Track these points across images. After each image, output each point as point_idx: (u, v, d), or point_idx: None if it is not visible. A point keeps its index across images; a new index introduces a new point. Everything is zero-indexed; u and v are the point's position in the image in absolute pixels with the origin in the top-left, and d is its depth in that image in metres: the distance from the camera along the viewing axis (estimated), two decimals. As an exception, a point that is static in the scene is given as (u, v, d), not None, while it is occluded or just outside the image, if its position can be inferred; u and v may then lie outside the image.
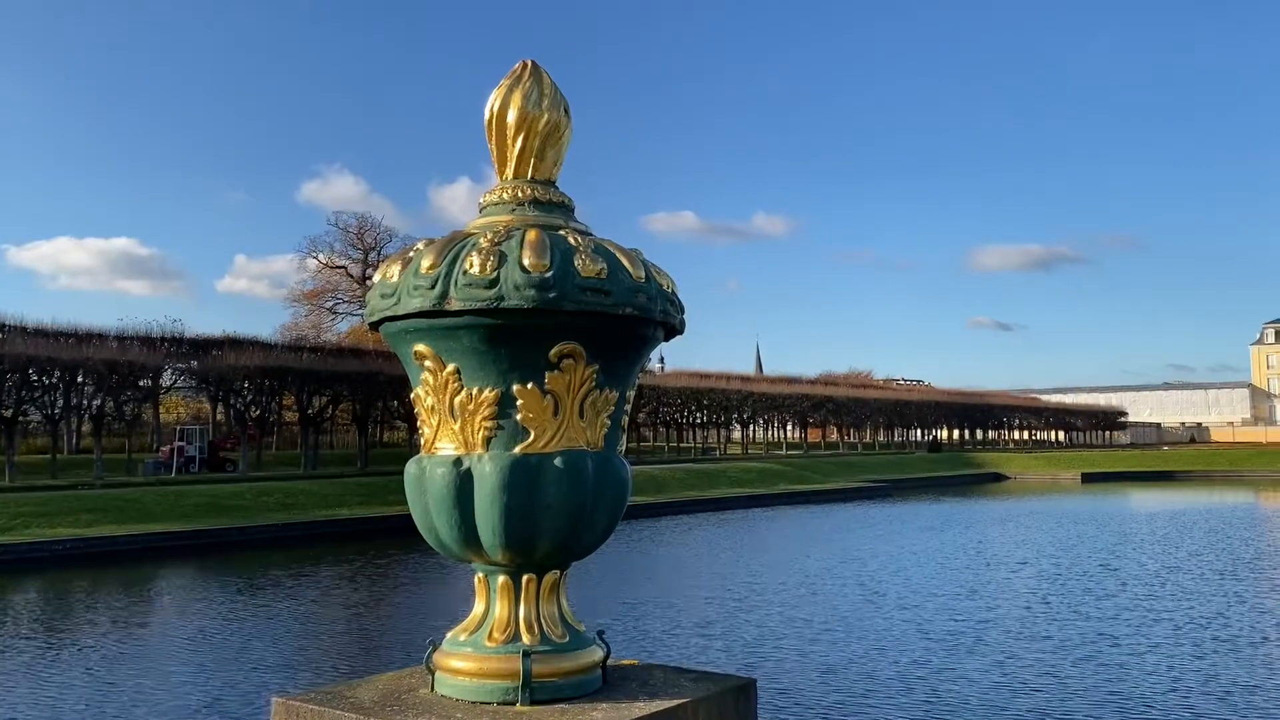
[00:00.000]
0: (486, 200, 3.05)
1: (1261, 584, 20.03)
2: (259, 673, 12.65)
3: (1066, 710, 10.52)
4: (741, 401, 70.44)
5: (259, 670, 12.83)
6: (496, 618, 2.88)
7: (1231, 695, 11.38)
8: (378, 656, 13.70)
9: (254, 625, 16.14)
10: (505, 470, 2.72)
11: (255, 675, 12.49)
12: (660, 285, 2.86)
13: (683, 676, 3.06)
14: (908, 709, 10.58)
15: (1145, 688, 11.56)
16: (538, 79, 3.04)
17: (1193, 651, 13.63)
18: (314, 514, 31.02)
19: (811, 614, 16.30)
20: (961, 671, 12.19)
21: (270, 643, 14.75)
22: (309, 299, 73.60)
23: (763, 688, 11.42)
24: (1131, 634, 14.76)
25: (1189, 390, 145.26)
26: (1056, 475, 69.47)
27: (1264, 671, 12.56)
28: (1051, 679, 11.82)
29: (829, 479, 54.02)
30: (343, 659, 13.78)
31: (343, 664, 13.32)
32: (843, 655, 13.20)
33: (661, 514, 36.56)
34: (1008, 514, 39.06)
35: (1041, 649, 13.47)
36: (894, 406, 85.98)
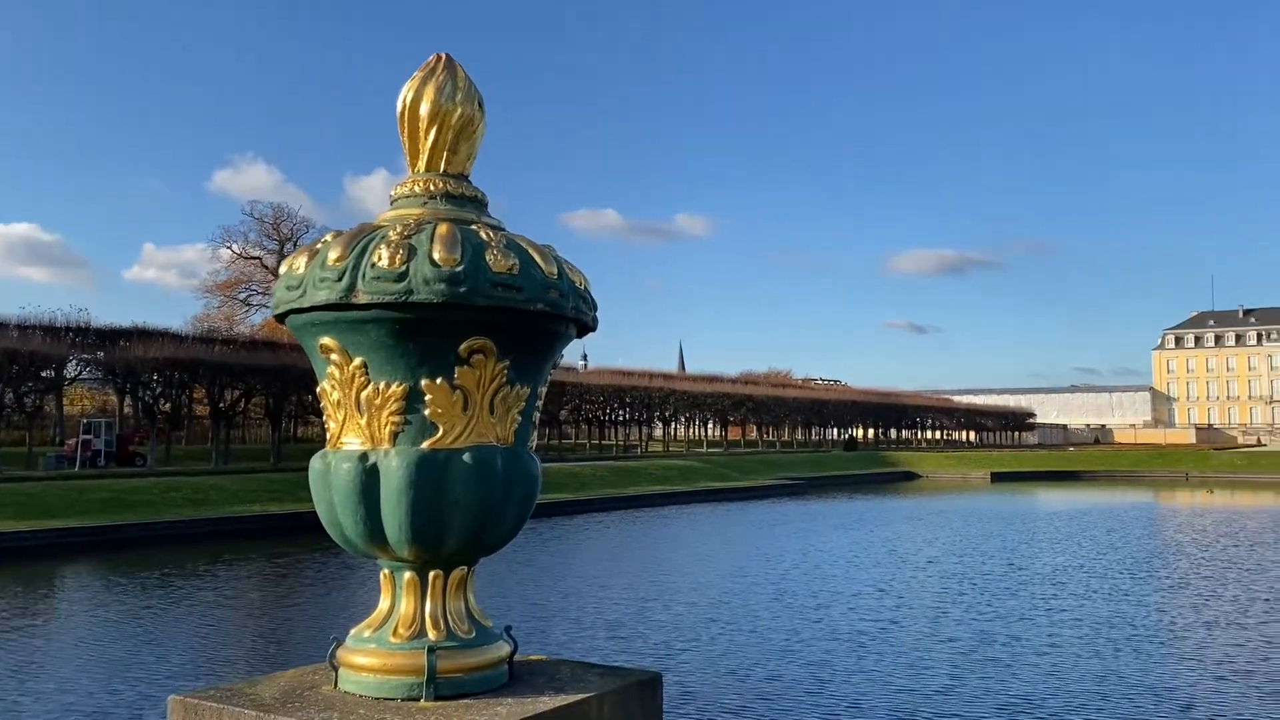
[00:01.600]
0: (397, 193, 3.02)
1: (1158, 582, 20.82)
2: (157, 673, 12.26)
3: (970, 711, 10.66)
4: (664, 399, 70.77)
5: (157, 670, 12.42)
6: (402, 614, 2.86)
7: (1127, 693, 11.78)
8: (285, 655, 13.40)
9: (155, 625, 15.65)
10: (412, 466, 2.70)
11: (152, 675, 12.10)
12: (573, 282, 2.87)
13: (589, 671, 3.08)
14: (812, 709, 10.64)
15: (1046, 687, 11.80)
16: (451, 72, 3.03)
17: (1093, 650, 14.05)
18: (224, 510, 30.27)
19: (723, 612, 16.38)
20: (867, 672, 12.30)
21: (171, 642, 14.31)
22: (222, 290, 71.80)
23: (670, 685, 11.47)
24: (1035, 633, 15.14)
25: (1094, 393, 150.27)
26: (967, 474, 71.23)
27: (1160, 671, 13.03)
28: (956, 679, 11.98)
29: (748, 476, 54.57)
30: (248, 658, 13.45)
31: (248, 663, 13.01)
32: (751, 654, 13.24)
33: (581, 511, 36.53)
34: (919, 512, 39.96)
35: (947, 649, 13.66)
36: (812, 406, 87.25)
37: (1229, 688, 11.76)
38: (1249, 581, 20.51)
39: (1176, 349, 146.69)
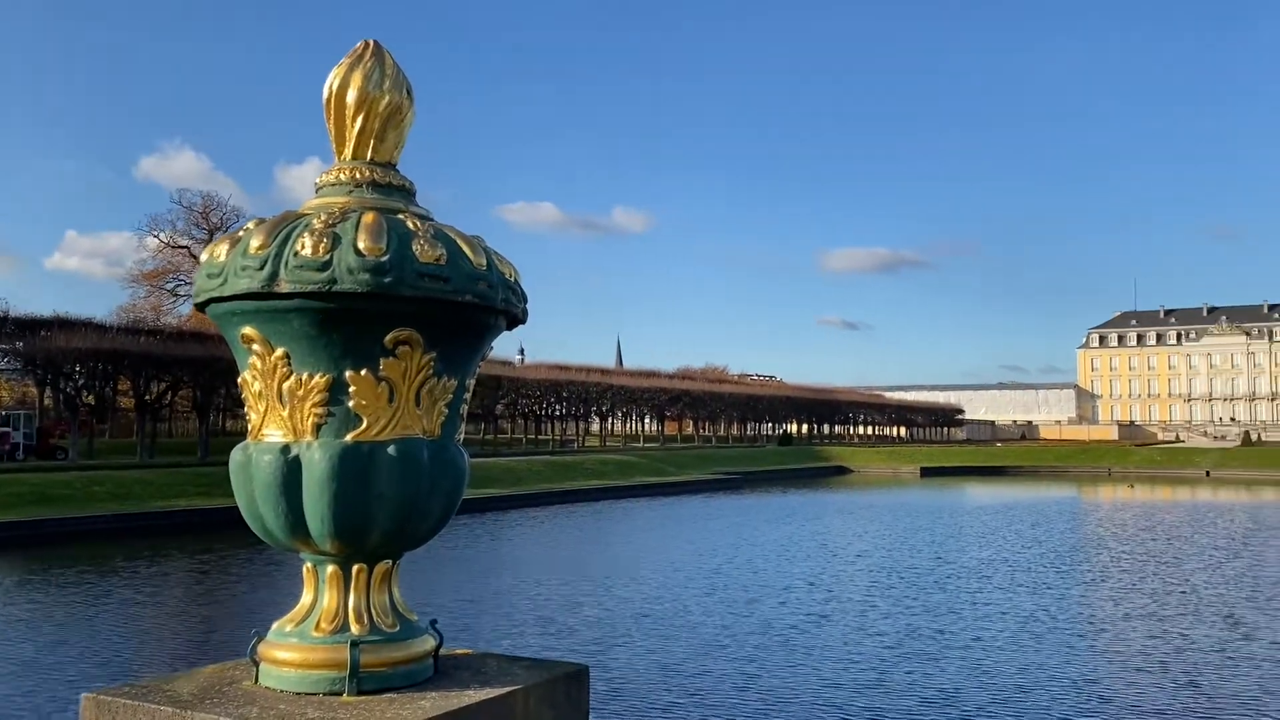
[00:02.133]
0: (323, 181, 2.97)
1: (1079, 576, 21.39)
2: (70, 673, 11.89)
3: (897, 704, 10.77)
4: (601, 394, 70.75)
5: (70, 670, 12.04)
6: (325, 608, 2.82)
7: (1049, 687, 12.06)
8: (206, 654, 13.09)
9: (70, 624, 15.19)
10: (336, 458, 2.66)
11: (66, 676, 11.74)
12: (502, 273, 2.85)
13: (516, 665, 3.07)
14: (741, 705, 10.66)
15: (972, 681, 11.98)
16: (380, 59, 2.98)
17: (1017, 643, 14.36)
18: (149, 505, 29.54)
19: (655, 607, 16.40)
20: (796, 666, 12.35)
21: (87, 642, 13.87)
22: (148, 279, 69.97)
23: (600, 681, 11.45)
24: (961, 627, 15.42)
25: (1021, 390, 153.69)
26: (897, 469, 72.41)
27: (1081, 664, 13.38)
28: (883, 674, 12.10)
29: (684, 471, 54.81)
30: (167, 658, 13.12)
31: (167, 663, 12.68)
32: (682, 650, 13.23)
33: (516, 506, 36.37)
34: (850, 506, 40.52)
35: (875, 643, 13.81)
36: (747, 401, 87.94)
37: (1146, 680, 12.12)
38: (1166, 574, 21.17)
39: (1100, 348, 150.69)
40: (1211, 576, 20.60)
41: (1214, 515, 36.97)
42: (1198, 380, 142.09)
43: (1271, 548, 25.85)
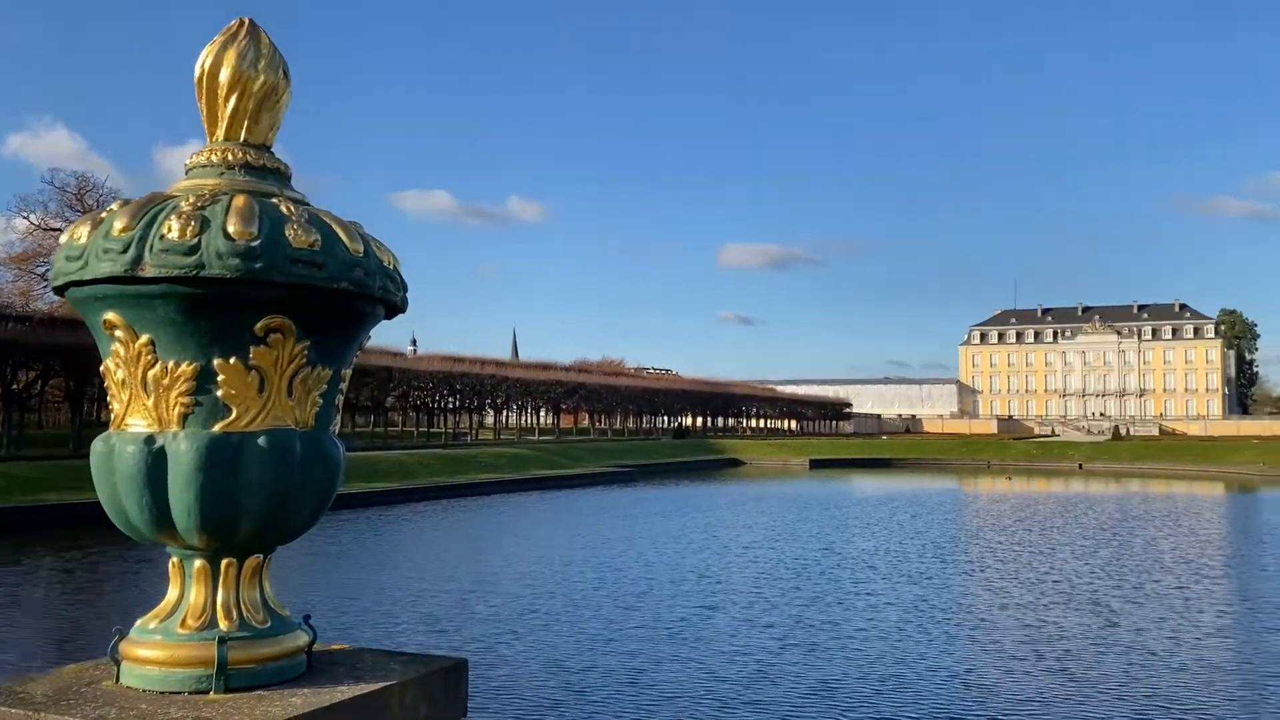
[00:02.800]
0: (193, 162, 2.86)
1: (959, 565, 22.14)
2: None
3: (783, 696, 10.91)
4: (496, 386, 70.15)
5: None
6: (191, 604, 2.72)
7: (931, 676, 12.45)
8: (67, 656, 12.53)
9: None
10: (203, 449, 2.57)
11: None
12: (380, 260, 2.79)
13: (393, 659, 3.01)
14: (627, 700, 10.65)
15: (856, 670, 12.26)
16: (255, 38, 2.88)
17: (901, 633, 14.78)
18: (16, 499, 28.13)
19: (545, 602, 16.34)
20: (684, 660, 12.40)
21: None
22: (16, 263, 66.41)
23: (486, 678, 11.34)
24: (848, 616, 15.79)
25: (906, 385, 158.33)
26: (787, 461, 73.86)
27: (962, 653, 13.84)
28: (770, 665, 12.25)
29: (579, 464, 54.83)
30: (24, 660, 12.52)
31: (28, 665, 12.09)
32: (570, 645, 13.19)
33: (406, 500, 35.84)
34: (742, 498, 41.17)
35: (763, 635, 13.97)
36: (644, 394, 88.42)
37: (1022, 667, 12.63)
38: (1040, 564, 22.10)
39: (981, 345, 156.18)
40: (1081, 566, 21.59)
41: (1085, 506, 38.75)
42: (1072, 377, 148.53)
43: (1138, 537, 27.24)
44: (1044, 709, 10.47)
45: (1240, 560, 22.94)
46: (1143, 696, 11.01)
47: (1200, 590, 18.26)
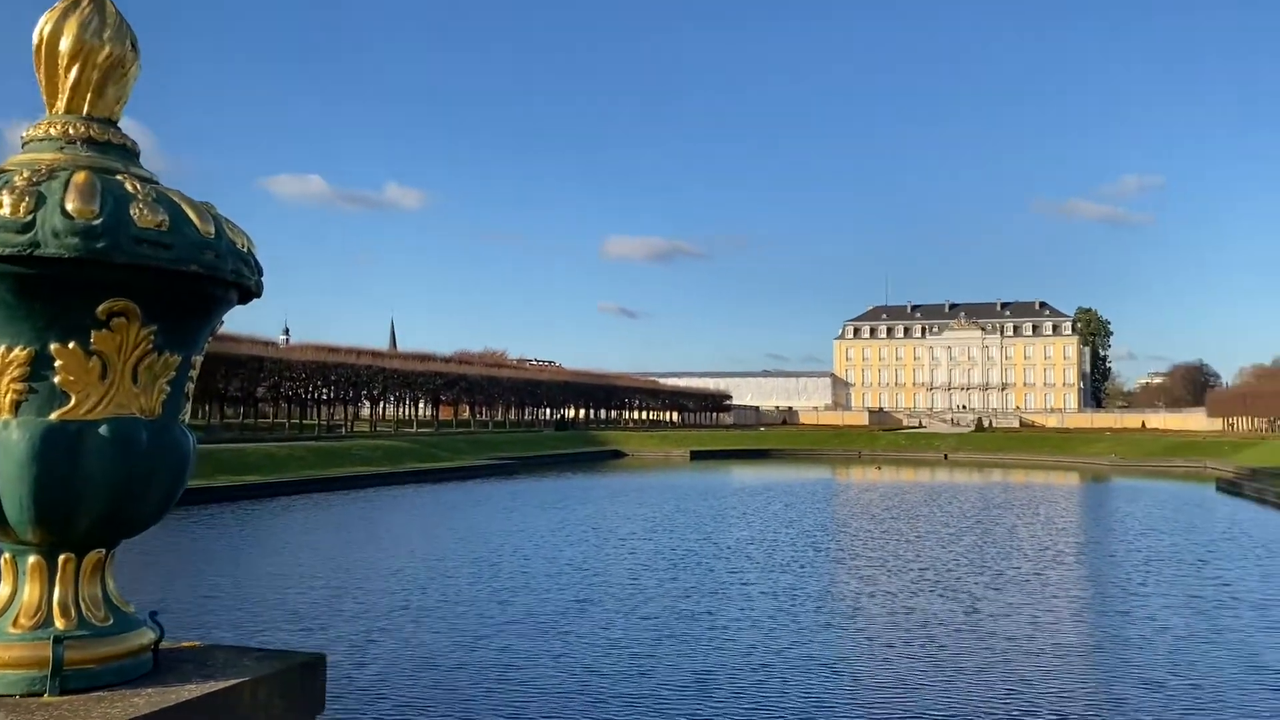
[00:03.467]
0: (30, 135, 2.70)
1: (832, 554, 22.73)
2: None
3: (659, 689, 10.91)
4: (372, 378, 68.65)
5: None
6: (25, 602, 2.58)
7: (805, 665, 12.74)
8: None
9: None
10: (38, 438, 2.44)
11: None
12: (233, 242, 2.69)
13: (246, 656, 2.91)
14: (499, 696, 10.47)
15: (733, 661, 12.44)
16: (99, 6, 2.74)
17: (775, 622, 15.07)
18: None
19: (418, 598, 16.07)
20: (558, 655, 12.27)
21: None
22: None
23: (352, 676, 11.07)
24: (724, 606, 16.00)
25: (783, 378, 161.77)
26: (669, 453, 74.60)
27: (838, 642, 14.19)
28: (647, 657, 12.25)
29: (458, 457, 54.18)
30: None
31: None
32: (443, 642, 12.93)
33: (276, 494, 34.77)
34: (623, 489, 41.37)
35: (640, 627, 13.96)
36: (526, 386, 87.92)
37: (889, 654, 13.06)
38: (907, 551, 22.88)
39: (855, 339, 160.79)
40: (945, 553, 22.45)
41: (950, 495, 40.32)
42: (939, 371, 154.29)
43: (999, 525, 28.49)
44: (911, 695, 10.82)
45: (1092, 546, 24.23)
46: (1003, 679, 11.52)
47: (1056, 576, 19.22)
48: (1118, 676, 11.61)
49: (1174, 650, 12.79)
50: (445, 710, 10.09)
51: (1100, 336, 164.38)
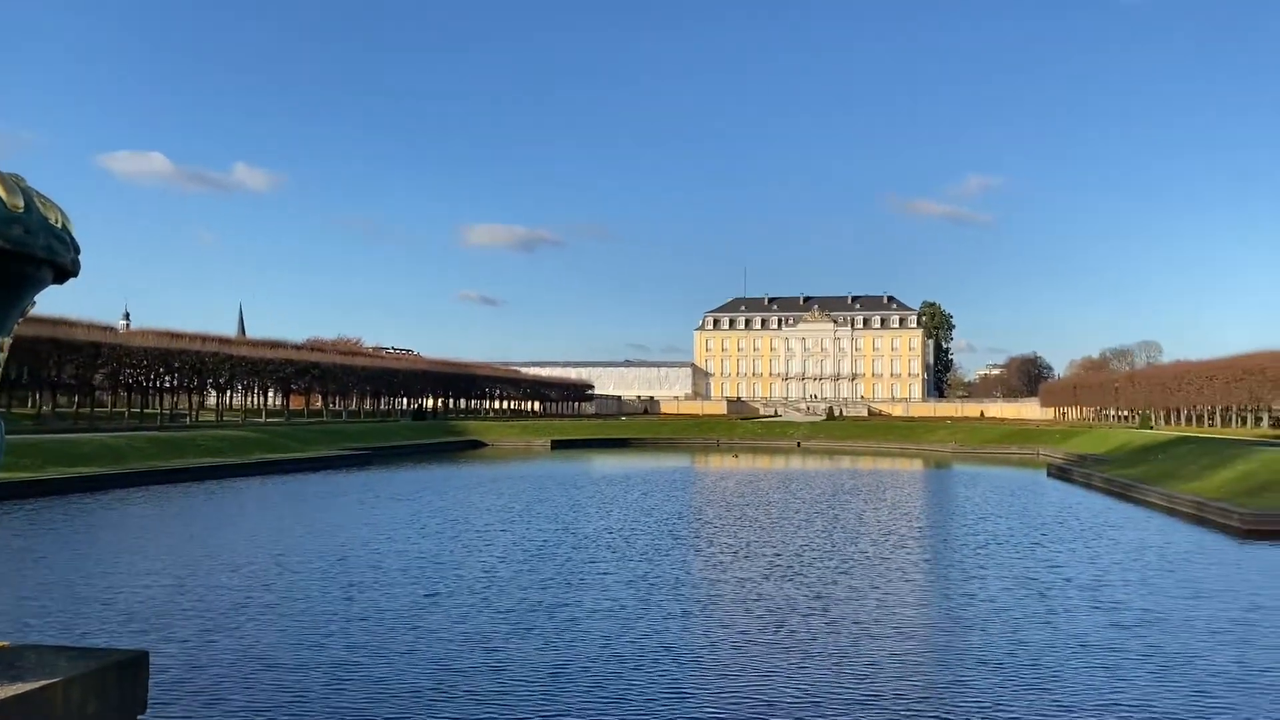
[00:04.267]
0: None
1: (690, 541, 23.04)
2: None
3: (508, 685, 10.75)
4: (219, 365, 65.86)
5: None
6: None
7: (658, 654, 12.86)
8: None
9: None
10: None
11: None
12: (45, 217, 2.52)
13: (61, 656, 2.75)
14: (345, 697, 10.16)
15: (586, 652, 12.40)
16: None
17: (632, 612, 15.15)
18: None
19: (259, 594, 15.52)
20: (406, 652, 11.95)
21: None
22: None
23: (185, 677, 10.54)
24: (580, 598, 15.96)
25: (645, 368, 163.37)
26: (530, 442, 74.31)
27: (695, 629, 14.37)
28: (499, 651, 12.07)
29: (309, 447, 52.57)
30: None
31: None
32: (285, 639, 12.48)
33: (113, 486, 32.99)
34: (482, 480, 40.97)
35: (494, 620, 13.73)
36: (382, 375, 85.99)
37: (745, 639, 13.33)
38: (761, 538, 23.42)
39: (714, 330, 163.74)
40: (797, 538, 23.09)
41: (803, 482, 41.53)
42: (794, 361, 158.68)
43: (848, 510, 29.50)
44: (765, 680, 11.06)
45: (934, 531, 25.35)
46: (851, 663, 11.92)
47: (900, 560, 20.04)
48: (958, 657, 12.15)
49: (1011, 631, 13.47)
50: (283, 712, 9.71)
51: (943, 329, 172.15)
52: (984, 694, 10.53)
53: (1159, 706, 10.09)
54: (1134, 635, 13.15)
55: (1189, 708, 10.05)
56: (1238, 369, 69.05)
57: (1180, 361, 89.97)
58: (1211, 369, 73.82)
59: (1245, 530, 24.49)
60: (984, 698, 10.40)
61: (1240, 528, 24.82)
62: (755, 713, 9.86)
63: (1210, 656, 12.06)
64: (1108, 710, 9.97)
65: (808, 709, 9.96)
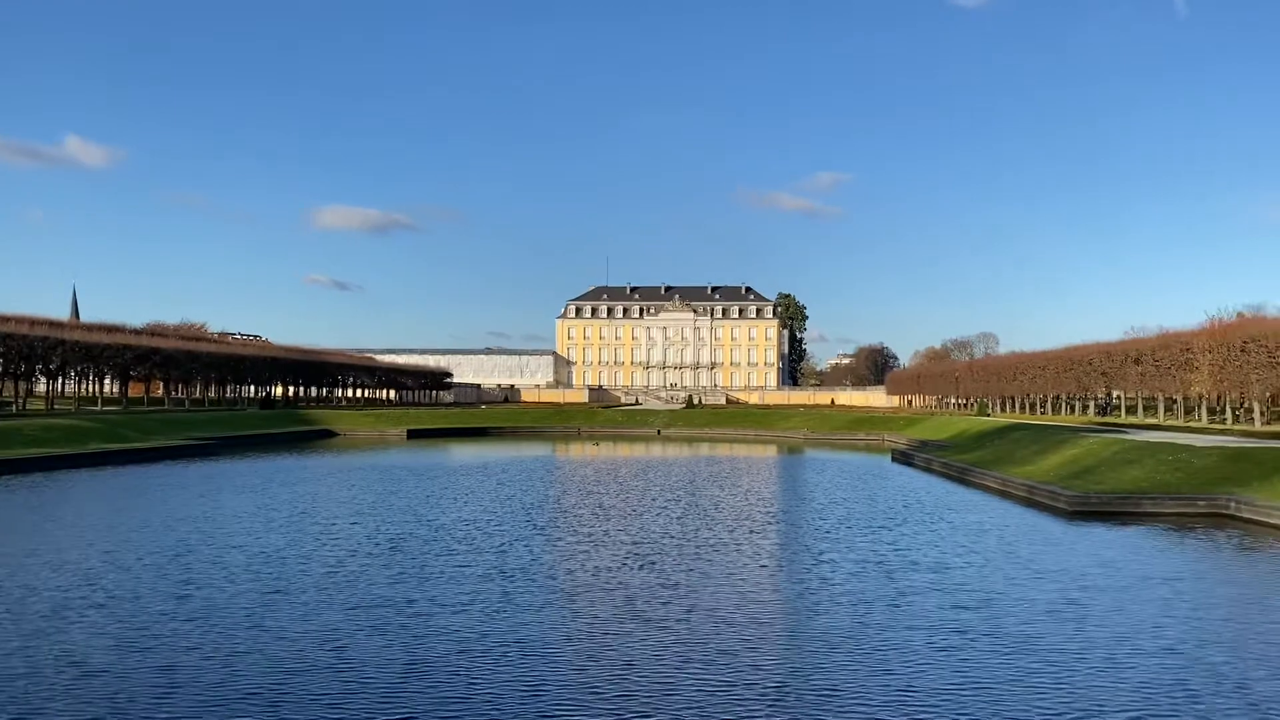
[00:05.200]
0: None
1: (552, 532, 22.89)
2: None
3: (348, 685, 10.39)
4: (49, 350, 61.84)
5: None
6: None
7: (505, 648, 12.69)
8: None
9: None
10: None
11: None
12: None
13: None
14: (166, 705, 9.56)
15: (436, 649, 12.08)
16: None
17: (483, 605, 14.91)
18: None
19: (83, 593, 14.65)
20: (246, 654, 11.41)
21: None
22: None
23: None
24: (432, 592, 15.60)
25: (505, 355, 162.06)
26: (385, 432, 72.66)
27: (549, 622, 14.20)
28: (348, 651, 11.60)
29: (150, 437, 50.00)
30: None
31: None
32: (105, 647, 11.66)
33: (-74, 481, 30.56)
34: (333, 470, 39.77)
35: (339, 618, 13.23)
36: (228, 361, 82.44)
37: (605, 629, 13.27)
38: (618, 527, 23.47)
39: (576, 318, 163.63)
40: (657, 525, 23.25)
41: (661, 469, 41.92)
42: (655, 350, 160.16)
43: (704, 497, 29.92)
44: (625, 670, 11.03)
45: (786, 515, 25.95)
46: (706, 649, 12.00)
47: (753, 545, 20.39)
48: (810, 641, 12.40)
49: (860, 615, 13.85)
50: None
51: (797, 320, 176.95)
52: (833, 677, 10.77)
53: (999, 685, 10.51)
54: (976, 615, 13.71)
55: (1027, 684, 10.51)
56: (1067, 359, 73.34)
57: (1015, 352, 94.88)
58: (1043, 359, 78.18)
59: (1071, 511, 26.00)
60: (834, 680, 10.63)
61: (1067, 509, 26.34)
62: (612, 705, 9.81)
63: (1048, 635, 12.67)
64: (953, 690, 10.34)
65: (664, 699, 9.97)
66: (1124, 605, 14.53)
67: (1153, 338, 64.66)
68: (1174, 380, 58.28)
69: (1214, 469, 27.94)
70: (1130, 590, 15.66)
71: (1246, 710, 9.78)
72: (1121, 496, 26.50)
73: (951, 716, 9.54)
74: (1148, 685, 10.52)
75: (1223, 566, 18.27)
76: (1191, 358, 56.04)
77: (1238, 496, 24.94)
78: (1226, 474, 27.10)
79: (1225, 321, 59.19)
